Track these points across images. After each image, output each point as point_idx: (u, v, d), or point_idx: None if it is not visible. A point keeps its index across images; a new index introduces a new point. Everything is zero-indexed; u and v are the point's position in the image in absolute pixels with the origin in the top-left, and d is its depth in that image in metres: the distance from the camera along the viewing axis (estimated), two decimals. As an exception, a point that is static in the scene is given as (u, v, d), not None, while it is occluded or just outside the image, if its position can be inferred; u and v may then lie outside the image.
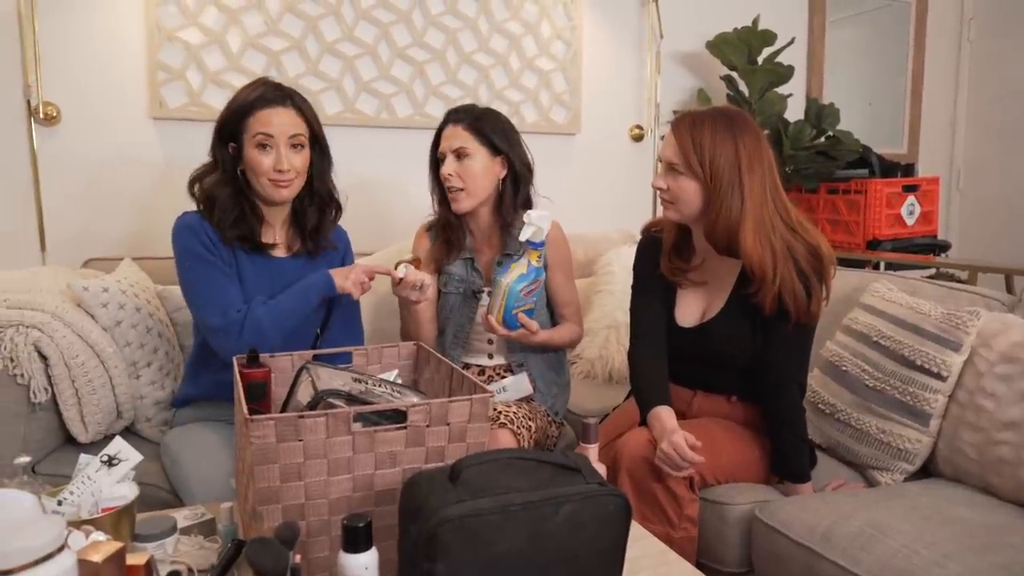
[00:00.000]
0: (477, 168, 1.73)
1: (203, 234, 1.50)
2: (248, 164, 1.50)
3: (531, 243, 1.56)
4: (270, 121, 1.48)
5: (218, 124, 1.53)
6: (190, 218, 1.53)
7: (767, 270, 1.44)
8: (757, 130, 1.50)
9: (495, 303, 1.60)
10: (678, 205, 1.51)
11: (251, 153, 1.49)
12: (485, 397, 1.04)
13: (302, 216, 1.61)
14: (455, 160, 1.73)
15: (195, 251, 1.48)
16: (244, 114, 1.49)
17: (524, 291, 1.59)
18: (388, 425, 1.00)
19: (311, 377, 1.00)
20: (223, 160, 1.52)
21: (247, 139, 1.50)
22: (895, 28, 3.64)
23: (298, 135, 1.52)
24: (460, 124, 1.74)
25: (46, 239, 2.19)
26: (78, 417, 1.55)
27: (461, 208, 1.75)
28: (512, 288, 1.57)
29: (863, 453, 1.63)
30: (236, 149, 1.52)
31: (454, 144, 1.73)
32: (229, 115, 1.51)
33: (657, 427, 1.43)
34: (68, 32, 2.16)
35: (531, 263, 1.58)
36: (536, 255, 1.58)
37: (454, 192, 1.74)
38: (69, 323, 1.56)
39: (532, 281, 1.59)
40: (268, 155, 1.49)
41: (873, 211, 2.79)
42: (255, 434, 0.92)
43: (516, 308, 1.60)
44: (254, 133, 1.48)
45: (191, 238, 1.49)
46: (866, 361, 1.68)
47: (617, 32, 2.94)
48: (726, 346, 1.55)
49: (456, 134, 1.73)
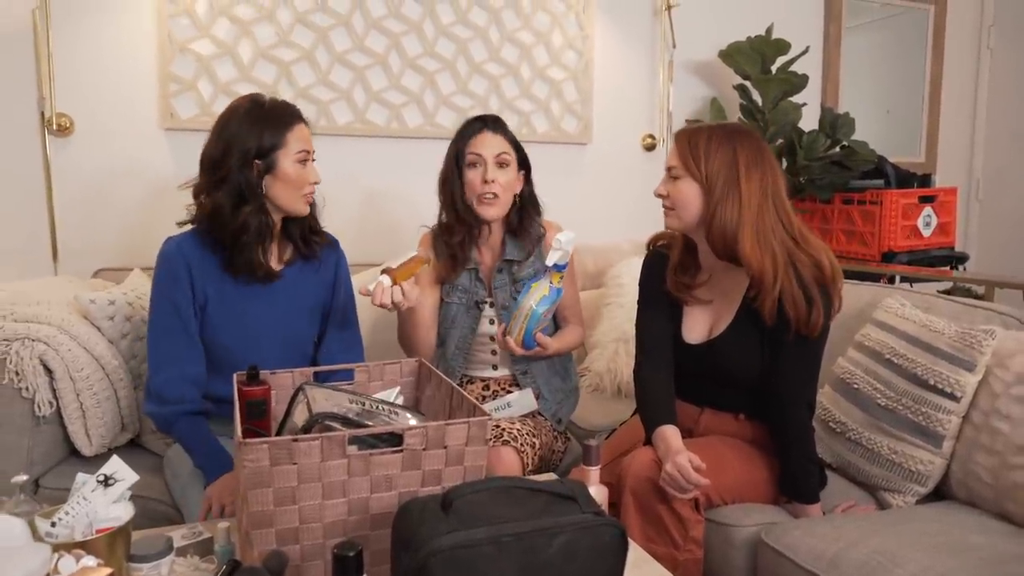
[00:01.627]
0: (512, 179, 1.76)
1: (182, 268, 1.46)
2: (286, 179, 1.49)
3: (557, 266, 1.58)
4: (305, 136, 1.52)
5: (248, 146, 1.46)
6: (171, 247, 1.49)
7: (767, 275, 1.42)
8: (760, 141, 1.49)
9: (516, 325, 1.61)
10: (678, 211, 1.50)
11: (292, 168, 1.49)
12: (483, 420, 1.03)
13: (291, 223, 1.59)
14: (497, 167, 1.74)
15: (162, 301, 1.47)
16: (284, 130, 1.49)
17: (546, 313, 1.61)
18: (384, 448, 0.98)
19: (307, 399, 1.00)
20: (249, 184, 1.46)
21: (284, 155, 1.48)
22: (913, 34, 3.58)
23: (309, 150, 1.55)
24: (500, 133, 1.77)
25: (58, 249, 2.20)
26: (82, 430, 1.56)
27: (491, 215, 1.75)
28: (535, 311, 1.59)
29: (874, 474, 1.60)
30: (262, 168, 1.47)
31: (496, 151, 1.74)
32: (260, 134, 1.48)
33: (662, 447, 1.41)
34: (81, 44, 2.17)
35: (553, 285, 1.60)
36: (559, 277, 1.60)
37: (490, 199, 1.73)
38: (75, 336, 1.57)
39: (553, 303, 1.61)
40: (308, 169, 1.53)
41: (889, 222, 2.74)
42: (248, 458, 0.92)
43: (536, 329, 1.62)
44: (298, 150, 1.49)
45: (166, 278, 1.47)
46: (878, 379, 1.64)
47: (629, 41, 2.92)
48: (734, 363, 1.53)
49: (498, 142, 1.76)
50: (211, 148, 1.48)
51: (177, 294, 1.46)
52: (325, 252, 1.65)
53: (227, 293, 1.51)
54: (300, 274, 1.60)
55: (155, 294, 1.48)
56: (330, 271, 1.66)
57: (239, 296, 1.52)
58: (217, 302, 1.50)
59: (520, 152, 1.80)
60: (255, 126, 1.47)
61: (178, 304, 1.46)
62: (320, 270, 1.64)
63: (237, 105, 1.51)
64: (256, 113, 1.49)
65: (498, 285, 1.79)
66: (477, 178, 1.73)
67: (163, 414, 1.44)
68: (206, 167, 1.49)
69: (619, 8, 2.87)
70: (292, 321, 1.58)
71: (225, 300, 1.51)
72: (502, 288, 1.79)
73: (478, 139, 1.76)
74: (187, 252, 1.49)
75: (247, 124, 1.47)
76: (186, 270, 1.47)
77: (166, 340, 1.46)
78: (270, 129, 1.47)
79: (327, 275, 1.65)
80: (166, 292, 1.47)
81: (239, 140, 1.45)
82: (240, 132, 1.46)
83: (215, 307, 1.50)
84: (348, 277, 1.70)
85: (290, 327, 1.58)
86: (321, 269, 1.64)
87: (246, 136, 1.46)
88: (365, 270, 2.30)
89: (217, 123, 1.51)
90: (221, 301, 1.51)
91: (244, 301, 1.52)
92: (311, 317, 1.62)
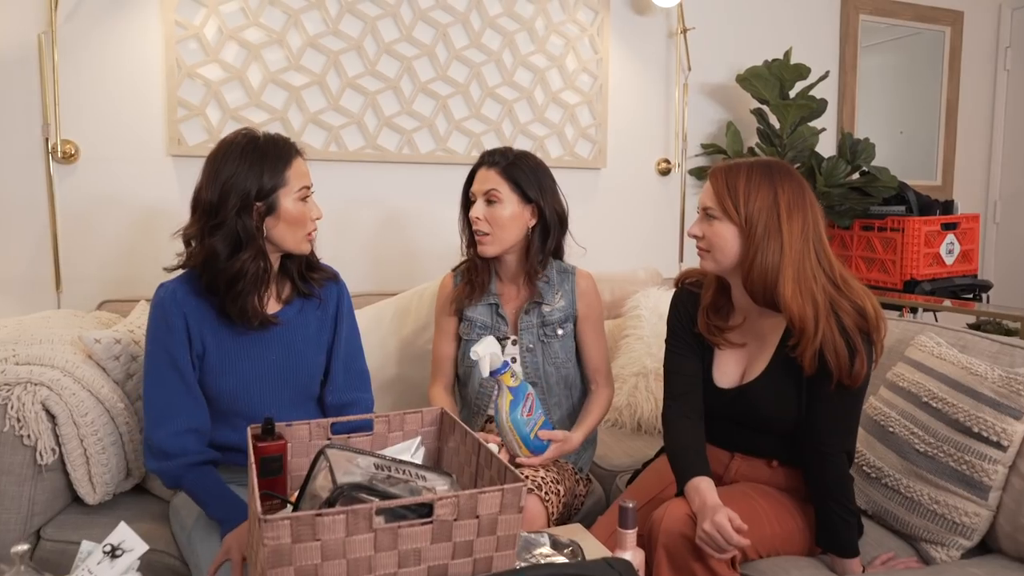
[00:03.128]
0: (505, 215, 1.67)
1: (177, 317, 1.40)
2: (289, 218, 1.42)
3: (495, 371, 1.51)
4: (304, 171, 1.47)
5: (248, 188, 1.38)
6: (166, 295, 1.42)
7: (808, 323, 1.35)
8: (800, 180, 1.42)
9: (512, 443, 1.55)
10: (714, 253, 1.44)
11: (295, 206, 1.42)
12: (518, 487, 0.96)
13: (289, 260, 1.52)
14: (485, 204, 1.68)
15: (157, 352, 1.40)
16: (284, 168, 1.43)
17: (525, 412, 1.54)
18: (413, 519, 0.92)
19: (328, 464, 0.93)
20: (247, 230, 1.38)
21: (286, 194, 1.41)
22: (928, 56, 3.54)
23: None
24: (494, 168, 1.70)
25: (61, 279, 2.14)
26: (86, 478, 1.49)
27: (486, 253, 1.70)
28: (514, 420, 1.52)
29: (914, 524, 1.52)
30: (262, 210, 1.40)
31: (485, 187, 1.68)
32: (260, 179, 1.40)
33: (697, 501, 1.34)
34: (87, 69, 2.12)
35: (510, 387, 1.52)
36: (508, 376, 1.52)
37: (480, 236, 1.69)
38: (79, 379, 1.50)
39: (524, 398, 1.54)
40: (310, 205, 1.47)
41: (911, 250, 2.68)
42: (268, 535, 0.85)
43: (531, 431, 1.56)
44: (299, 187, 1.43)
45: (161, 328, 1.40)
46: (915, 423, 1.57)
47: (644, 65, 2.87)
48: (768, 410, 1.46)
49: (488, 178, 1.69)
50: (205, 192, 1.38)
51: (173, 344, 1.40)
52: (326, 287, 1.59)
53: (225, 339, 1.44)
54: (300, 313, 1.54)
55: (150, 345, 1.41)
56: (331, 306, 1.59)
57: (238, 342, 1.45)
58: (215, 349, 1.44)
59: (520, 186, 1.69)
60: (254, 166, 1.38)
61: (175, 355, 1.39)
62: (321, 306, 1.57)
63: (230, 142, 1.41)
64: (253, 151, 1.39)
65: (524, 327, 1.73)
66: (473, 215, 1.70)
67: (168, 469, 1.37)
68: (201, 211, 1.39)
69: (634, 31, 2.83)
70: (295, 362, 1.51)
71: (224, 346, 1.44)
72: (528, 330, 1.72)
73: (476, 176, 1.73)
74: (182, 299, 1.42)
75: (245, 164, 1.37)
76: (182, 319, 1.41)
77: (163, 392, 1.39)
78: (269, 168, 1.39)
79: (329, 310, 1.58)
80: (161, 343, 1.40)
81: (238, 182, 1.36)
82: (238, 173, 1.36)
83: (213, 354, 1.44)
84: (351, 310, 1.64)
85: (294, 368, 1.51)
86: (322, 305, 1.57)
87: (244, 177, 1.36)
88: (378, 299, 2.24)
89: (209, 163, 1.41)
90: (219, 347, 1.44)
91: (244, 346, 1.46)
92: (315, 356, 1.55)
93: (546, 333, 1.70)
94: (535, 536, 1.24)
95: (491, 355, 1.50)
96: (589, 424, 1.71)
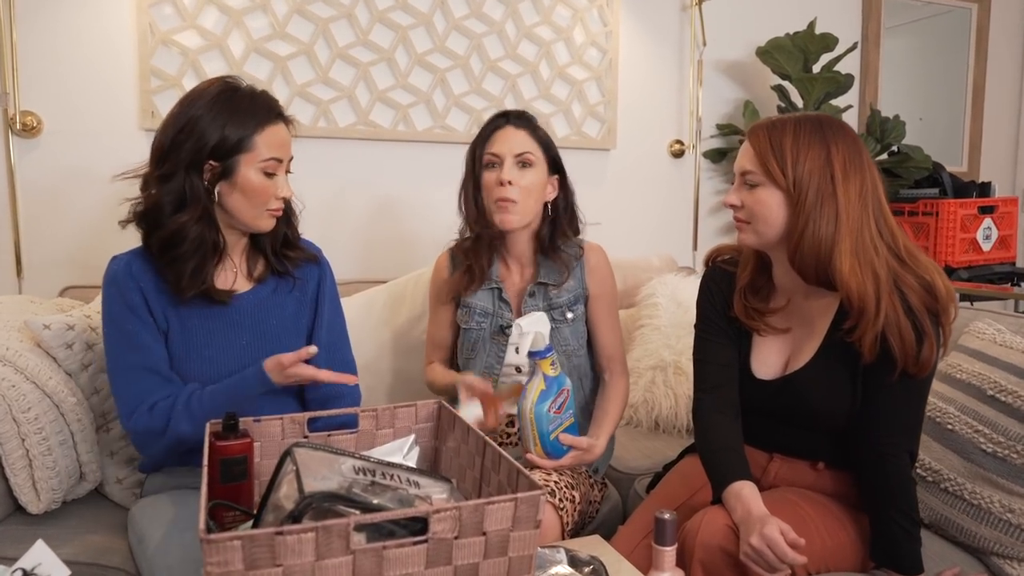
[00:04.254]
0: (537, 182, 1.49)
1: (134, 293, 1.24)
2: (246, 189, 1.24)
3: (537, 353, 1.32)
4: (280, 140, 1.28)
5: (204, 141, 1.21)
6: (119, 268, 1.26)
7: (868, 302, 1.16)
8: (855, 136, 1.23)
9: (528, 436, 1.34)
10: (755, 224, 1.24)
11: (255, 177, 1.24)
12: (535, 496, 0.77)
13: (261, 235, 1.35)
14: (517, 167, 1.48)
15: (115, 334, 1.24)
16: (254, 129, 1.24)
17: (553, 409, 1.34)
18: (402, 537, 0.72)
19: (295, 468, 0.73)
20: (193, 188, 1.21)
21: (248, 161, 1.23)
22: (953, 38, 3.35)
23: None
24: (525, 129, 1.51)
25: (22, 263, 1.95)
26: (28, 483, 1.29)
27: (511, 224, 1.48)
28: (538, 413, 1.32)
29: (982, 535, 1.33)
30: (216, 171, 1.23)
31: (517, 148, 1.48)
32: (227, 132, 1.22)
33: (739, 510, 1.15)
34: (50, 34, 1.93)
35: (546, 375, 1.33)
36: (548, 363, 1.33)
37: (506, 204, 1.47)
38: (21, 369, 1.31)
39: (557, 393, 1.34)
40: (277, 181, 1.28)
41: (946, 235, 2.49)
42: (213, 560, 0.65)
43: (553, 431, 1.35)
44: (267, 157, 1.24)
45: (118, 306, 1.24)
46: (979, 420, 1.38)
47: (656, 39, 2.68)
48: (816, 404, 1.26)
49: (520, 138, 1.49)
50: (161, 134, 1.23)
51: (133, 323, 1.22)
52: (305, 268, 1.40)
53: (189, 321, 1.27)
54: (274, 294, 1.36)
55: (107, 327, 1.24)
56: (311, 287, 1.41)
57: (204, 324, 1.27)
58: (179, 331, 1.26)
59: (551, 152, 1.54)
60: (219, 117, 1.20)
61: (134, 334, 1.22)
62: (298, 287, 1.39)
63: (204, 88, 1.25)
64: (224, 103, 1.22)
65: (529, 311, 1.52)
66: (493, 180, 1.48)
67: (156, 431, 1.21)
68: (152, 158, 1.24)
69: (645, 3, 2.64)
70: (270, 348, 1.32)
71: (188, 329, 1.27)
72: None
73: (497, 136, 1.51)
74: (137, 273, 1.25)
75: (210, 114, 1.20)
76: (139, 294, 1.23)
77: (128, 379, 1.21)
78: (236, 124, 1.21)
79: (308, 292, 1.40)
80: (118, 323, 1.22)
81: (196, 129, 1.20)
82: (200, 119, 1.20)
83: (176, 337, 1.26)
84: (334, 292, 1.45)
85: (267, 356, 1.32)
86: (299, 286, 1.39)
87: (205, 128, 1.20)
88: (369, 287, 2.05)
89: (176, 106, 1.25)
90: (183, 330, 1.26)
91: (210, 330, 1.28)
92: (292, 342, 1.36)
93: (554, 317, 1.50)
94: (550, 552, 1.05)
95: (537, 334, 1.32)
96: (610, 424, 1.52)
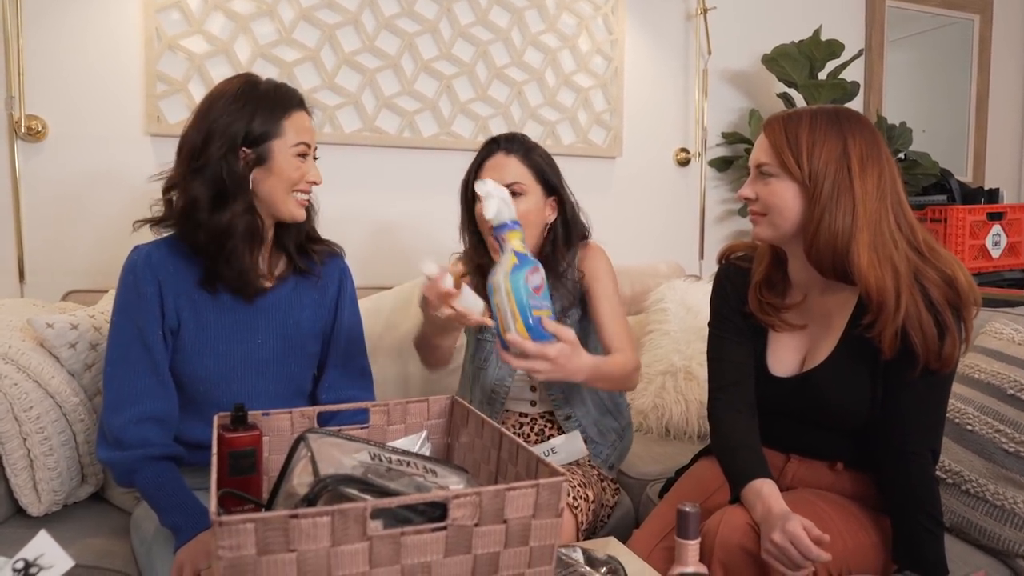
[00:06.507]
0: (530, 210, 1.43)
1: (149, 284, 1.21)
2: (281, 173, 1.23)
3: (503, 227, 1.16)
4: (306, 126, 1.29)
5: (235, 129, 1.20)
6: (139, 258, 1.23)
7: (888, 296, 1.13)
8: (872, 129, 1.21)
9: (506, 312, 1.12)
10: (771, 217, 1.22)
11: (289, 161, 1.24)
12: (557, 482, 0.74)
13: (284, 231, 1.33)
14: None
15: (124, 324, 1.20)
16: (281, 115, 1.25)
17: (529, 284, 1.14)
18: (420, 524, 0.69)
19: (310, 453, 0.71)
20: (233, 175, 1.19)
21: (280, 146, 1.23)
22: (955, 50, 3.36)
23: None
24: (514, 155, 1.45)
25: (25, 268, 1.93)
26: (29, 484, 1.26)
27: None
28: (515, 282, 1.11)
29: (1006, 537, 1.30)
30: (251, 158, 1.22)
31: (507, 178, 1.41)
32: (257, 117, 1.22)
33: (759, 508, 1.12)
34: (56, 38, 1.93)
35: (515, 250, 1.15)
36: (517, 237, 1.16)
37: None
38: (24, 367, 1.28)
39: (531, 269, 1.15)
40: (308, 165, 1.28)
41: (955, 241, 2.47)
42: (225, 543, 0.62)
43: (535, 309, 1.14)
44: (297, 141, 1.24)
45: (130, 296, 1.21)
46: (1001, 420, 1.36)
47: (661, 48, 2.69)
48: (834, 402, 1.24)
49: (509, 166, 1.44)
50: (191, 132, 1.23)
51: (142, 316, 1.20)
52: (327, 265, 1.38)
53: (205, 315, 1.24)
54: (295, 292, 1.33)
55: (116, 316, 1.21)
56: (332, 287, 1.38)
57: (220, 319, 1.25)
58: (192, 325, 1.23)
59: (544, 176, 1.47)
60: (246, 107, 1.21)
61: (143, 328, 1.19)
62: (319, 286, 1.36)
63: (227, 84, 1.26)
64: (249, 94, 1.23)
65: None
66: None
67: (121, 460, 1.15)
68: (184, 155, 1.22)
69: (650, 11, 2.65)
70: (286, 348, 1.31)
71: (202, 323, 1.24)
72: None
73: (487, 165, 1.46)
74: (157, 264, 1.22)
75: (237, 105, 1.21)
76: (155, 286, 1.21)
77: (126, 371, 1.18)
78: (263, 112, 1.22)
79: (328, 291, 1.38)
80: (130, 313, 1.20)
81: (226, 123, 1.20)
82: (229, 113, 1.20)
83: (190, 331, 1.23)
84: (354, 295, 1.43)
85: (283, 355, 1.30)
86: (320, 285, 1.36)
87: (234, 118, 1.20)
88: (375, 293, 2.03)
89: (201, 104, 1.26)
90: (197, 324, 1.24)
91: (226, 325, 1.25)
92: (309, 343, 1.35)
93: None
94: (567, 551, 1.02)
95: (501, 199, 1.16)
96: (606, 362, 1.36)
